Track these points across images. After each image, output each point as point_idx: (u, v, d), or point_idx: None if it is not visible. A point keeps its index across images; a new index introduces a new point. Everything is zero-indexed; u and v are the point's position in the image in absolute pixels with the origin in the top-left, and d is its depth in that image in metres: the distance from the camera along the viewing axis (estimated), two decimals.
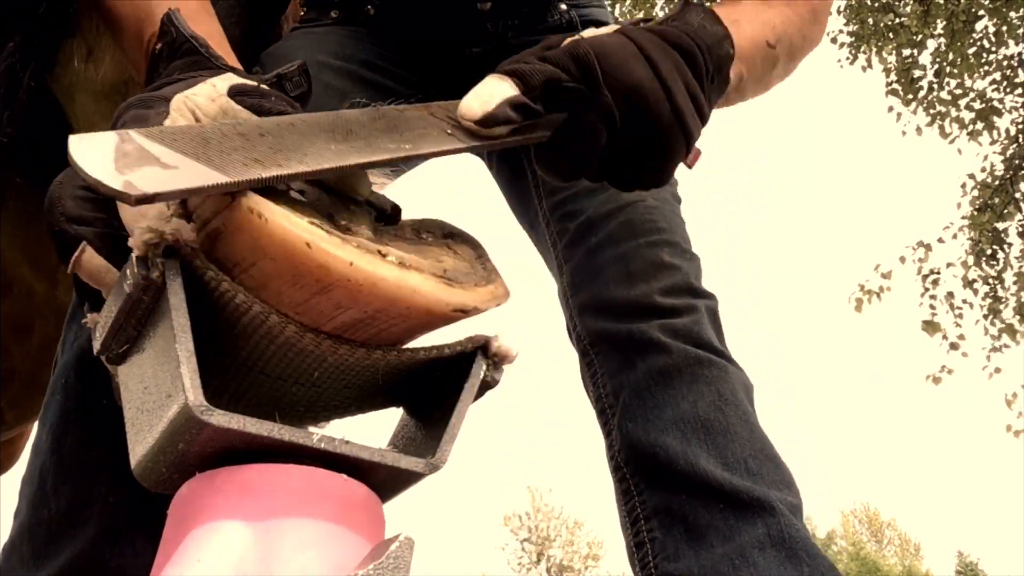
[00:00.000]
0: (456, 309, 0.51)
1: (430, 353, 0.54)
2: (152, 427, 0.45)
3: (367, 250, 0.47)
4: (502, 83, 0.58)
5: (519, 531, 31.86)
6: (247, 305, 0.47)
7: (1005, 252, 7.14)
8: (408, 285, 0.48)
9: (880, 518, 38.00)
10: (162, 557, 0.45)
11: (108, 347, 0.49)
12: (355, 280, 0.46)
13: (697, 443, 0.81)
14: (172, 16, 0.64)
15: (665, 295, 0.89)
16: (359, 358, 0.51)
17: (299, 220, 0.46)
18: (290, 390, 0.51)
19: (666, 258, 0.92)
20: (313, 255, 0.45)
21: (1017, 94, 7.12)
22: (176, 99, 0.54)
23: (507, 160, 1.09)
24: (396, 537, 0.44)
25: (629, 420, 0.85)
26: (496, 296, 0.54)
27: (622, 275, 0.91)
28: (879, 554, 36.23)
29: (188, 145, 0.44)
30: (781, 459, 0.84)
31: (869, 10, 7.25)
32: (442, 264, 0.53)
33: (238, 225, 0.46)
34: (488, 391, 0.58)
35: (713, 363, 0.87)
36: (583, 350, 0.94)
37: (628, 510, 0.84)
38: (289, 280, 0.46)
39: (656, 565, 0.80)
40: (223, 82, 0.56)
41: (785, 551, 0.74)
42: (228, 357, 0.49)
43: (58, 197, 0.51)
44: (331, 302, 0.47)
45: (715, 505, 0.78)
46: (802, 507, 0.81)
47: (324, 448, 0.47)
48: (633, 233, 0.93)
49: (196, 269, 0.46)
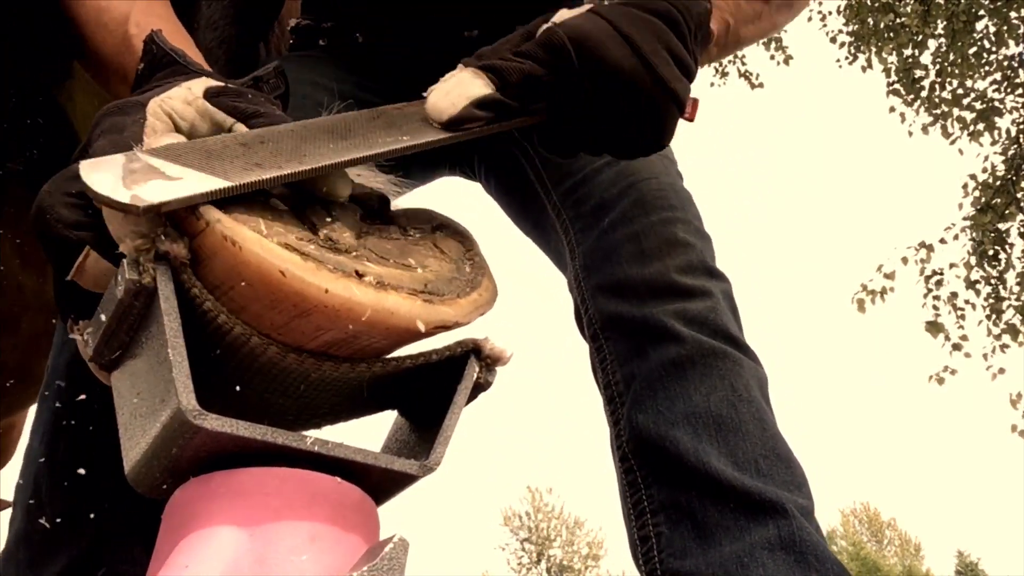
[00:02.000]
0: (437, 326, 0.51)
1: (417, 360, 0.54)
2: (146, 432, 0.45)
3: (344, 272, 0.47)
4: (475, 80, 0.59)
5: (519, 531, 31.85)
6: (229, 326, 0.47)
7: (1007, 253, 7.14)
8: (384, 308, 0.48)
9: (880, 518, 37.95)
10: (156, 562, 0.45)
11: (100, 353, 0.49)
12: (332, 306, 0.46)
13: (708, 439, 0.79)
14: (155, 36, 0.64)
15: (681, 273, 0.88)
16: (344, 372, 0.51)
17: (273, 246, 0.46)
18: (277, 401, 0.52)
19: (680, 235, 0.91)
20: (288, 283, 0.45)
21: (1018, 94, 7.12)
22: (151, 103, 0.54)
23: (501, 166, 1.08)
24: (390, 539, 0.44)
25: (639, 411, 0.84)
26: (479, 306, 0.54)
27: (636, 254, 0.89)
28: (879, 554, 36.19)
29: (192, 158, 0.47)
30: (794, 458, 0.82)
31: (869, 10, 7.25)
32: (424, 275, 0.53)
33: (213, 251, 0.46)
34: (481, 393, 0.58)
35: (728, 355, 0.85)
36: (593, 335, 0.92)
37: (634, 503, 0.83)
38: (268, 304, 0.47)
39: (662, 561, 0.78)
40: (198, 85, 0.56)
41: (795, 554, 0.73)
42: (214, 372, 0.49)
43: (49, 205, 0.50)
44: (311, 324, 0.48)
45: (725, 504, 0.76)
46: (813, 508, 0.80)
47: (317, 451, 0.47)
48: (645, 211, 0.92)
49: (183, 283, 0.46)
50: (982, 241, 7.07)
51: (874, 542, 37.27)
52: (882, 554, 36.47)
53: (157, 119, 0.53)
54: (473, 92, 0.58)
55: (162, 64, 0.62)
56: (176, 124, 0.54)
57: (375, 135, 0.55)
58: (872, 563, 34.08)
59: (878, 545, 37.21)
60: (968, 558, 34.28)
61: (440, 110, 0.57)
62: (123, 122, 0.52)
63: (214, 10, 0.89)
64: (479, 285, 0.55)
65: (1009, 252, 7.14)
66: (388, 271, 0.50)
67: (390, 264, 0.52)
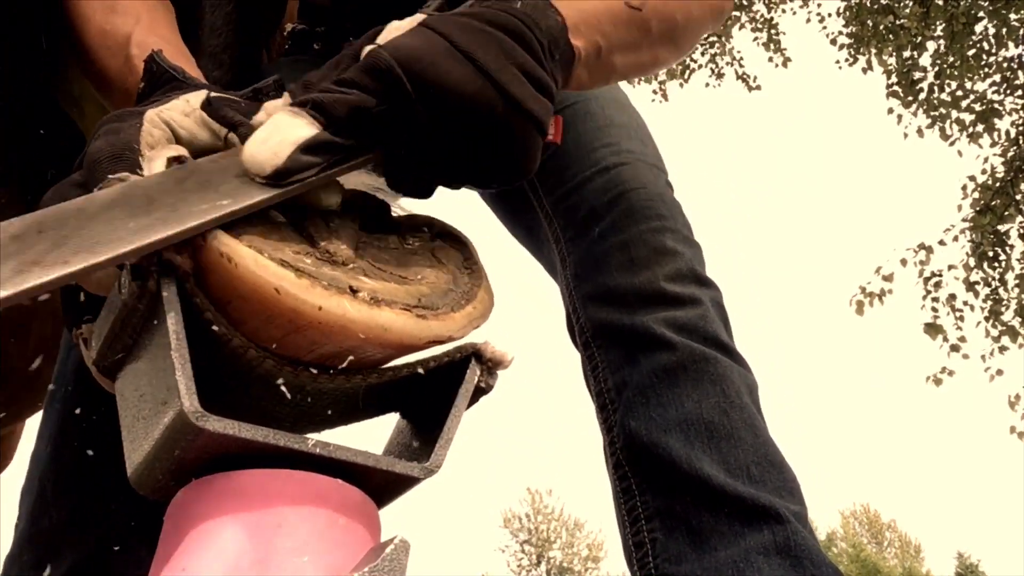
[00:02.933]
0: (430, 341, 0.51)
1: (413, 369, 0.54)
2: (148, 434, 0.46)
3: (338, 289, 0.47)
4: (295, 121, 0.49)
5: (519, 533, 31.84)
6: (228, 337, 0.47)
7: (1007, 254, 7.14)
8: (378, 324, 0.48)
9: (880, 519, 37.94)
10: (158, 562, 0.46)
11: (104, 356, 0.49)
12: (326, 323, 0.47)
13: (701, 446, 0.80)
14: (154, 55, 0.64)
15: (669, 281, 0.89)
16: (339, 383, 0.52)
17: (268, 263, 0.46)
18: (274, 409, 0.52)
19: (669, 243, 0.91)
20: (283, 300, 0.46)
21: (1017, 96, 7.12)
22: (149, 112, 0.54)
23: None
24: (391, 540, 0.44)
25: (631, 418, 0.84)
26: (472, 319, 0.54)
27: (625, 263, 0.90)
28: (879, 556, 36.17)
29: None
30: (786, 463, 0.83)
31: (868, 12, 7.25)
32: (419, 288, 0.53)
33: (209, 267, 0.46)
34: (483, 396, 0.58)
35: (718, 361, 0.85)
36: (585, 343, 0.92)
37: (628, 509, 0.84)
38: (264, 320, 0.47)
39: (657, 566, 0.79)
40: (196, 97, 0.56)
41: (791, 559, 0.74)
42: (213, 378, 0.49)
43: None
44: (306, 339, 0.48)
45: (719, 510, 0.77)
46: (806, 513, 0.80)
47: (319, 453, 0.47)
48: (635, 220, 0.92)
49: (187, 291, 0.46)
50: (981, 243, 7.07)
51: (874, 544, 37.26)
52: (882, 556, 36.45)
53: (155, 127, 0.53)
54: (296, 135, 0.48)
55: (162, 81, 0.62)
56: (176, 134, 0.54)
57: (187, 202, 0.46)
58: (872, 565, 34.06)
59: (878, 547, 37.19)
60: (968, 559, 34.28)
61: (260, 163, 0.48)
62: (119, 127, 0.52)
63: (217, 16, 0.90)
64: (474, 297, 0.55)
65: (1009, 254, 7.14)
66: (383, 285, 0.50)
67: (386, 276, 0.52)
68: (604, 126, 1.01)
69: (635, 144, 1.00)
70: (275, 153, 0.48)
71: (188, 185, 0.47)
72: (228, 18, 0.93)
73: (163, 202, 0.45)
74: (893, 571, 34.88)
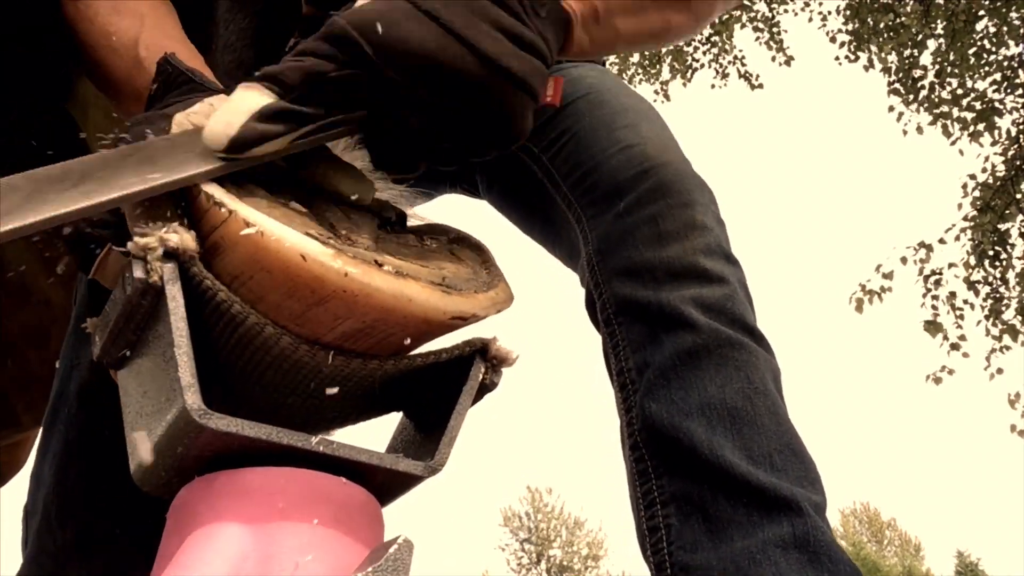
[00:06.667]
0: (454, 317, 0.51)
1: (427, 359, 0.54)
2: (151, 431, 0.46)
3: (363, 260, 0.47)
4: (247, 93, 0.49)
5: (519, 531, 31.86)
6: (243, 316, 0.47)
7: (1008, 253, 7.14)
8: (404, 294, 0.48)
9: (880, 518, 37.97)
10: (161, 560, 0.46)
11: (107, 352, 0.49)
12: (350, 291, 0.46)
13: (723, 432, 0.78)
14: (169, 57, 0.64)
15: (700, 255, 0.87)
16: (355, 368, 0.51)
17: (294, 232, 0.46)
18: (286, 401, 0.52)
19: (699, 217, 0.89)
20: (308, 267, 0.45)
21: (1018, 95, 7.12)
22: (178, 116, 0.54)
23: (504, 174, 1.07)
24: (395, 539, 0.44)
25: (652, 400, 0.82)
26: (496, 302, 0.54)
27: (653, 236, 0.87)
28: (879, 554, 36.21)
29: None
30: (807, 453, 0.81)
31: (869, 10, 7.26)
32: (442, 271, 0.53)
33: (235, 239, 0.46)
34: (487, 393, 0.58)
35: (744, 346, 0.83)
36: (607, 320, 0.90)
37: (643, 492, 0.81)
38: (285, 292, 0.47)
39: (671, 553, 0.77)
40: (218, 101, 0.57)
41: (808, 554, 0.72)
42: (225, 368, 0.49)
43: None
44: (328, 313, 0.47)
45: (738, 499, 0.75)
46: (826, 504, 0.79)
47: (323, 451, 0.47)
48: (663, 193, 0.90)
49: (194, 277, 0.46)
50: (982, 241, 7.07)
51: (874, 542, 37.30)
52: (882, 554, 36.50)
53: (180, 128, 0.53)
54: (248, 105, 0.48)
55: (176, 83, 0.62)
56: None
57: (119, 175, 0.45)
58: (872, 563, 34.09)
59: (878, 545, 37.24)
60: (968, 558, 34.30)
61: (216, 135, 0.48)
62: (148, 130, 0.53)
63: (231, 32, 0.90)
64: (496, 286, 0.55)
65: (1010, 252, 7.14)
66: (406, 264, 0.50)
67: (409, 259, 0.52)
68: (620, 110, 0.99)
69: (655, 127, 0.98)
70: (228, 123, 0.48)
71: (129, 161, 0.47)
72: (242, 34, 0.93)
73: (95, 176, 0.45)
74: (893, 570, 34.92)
